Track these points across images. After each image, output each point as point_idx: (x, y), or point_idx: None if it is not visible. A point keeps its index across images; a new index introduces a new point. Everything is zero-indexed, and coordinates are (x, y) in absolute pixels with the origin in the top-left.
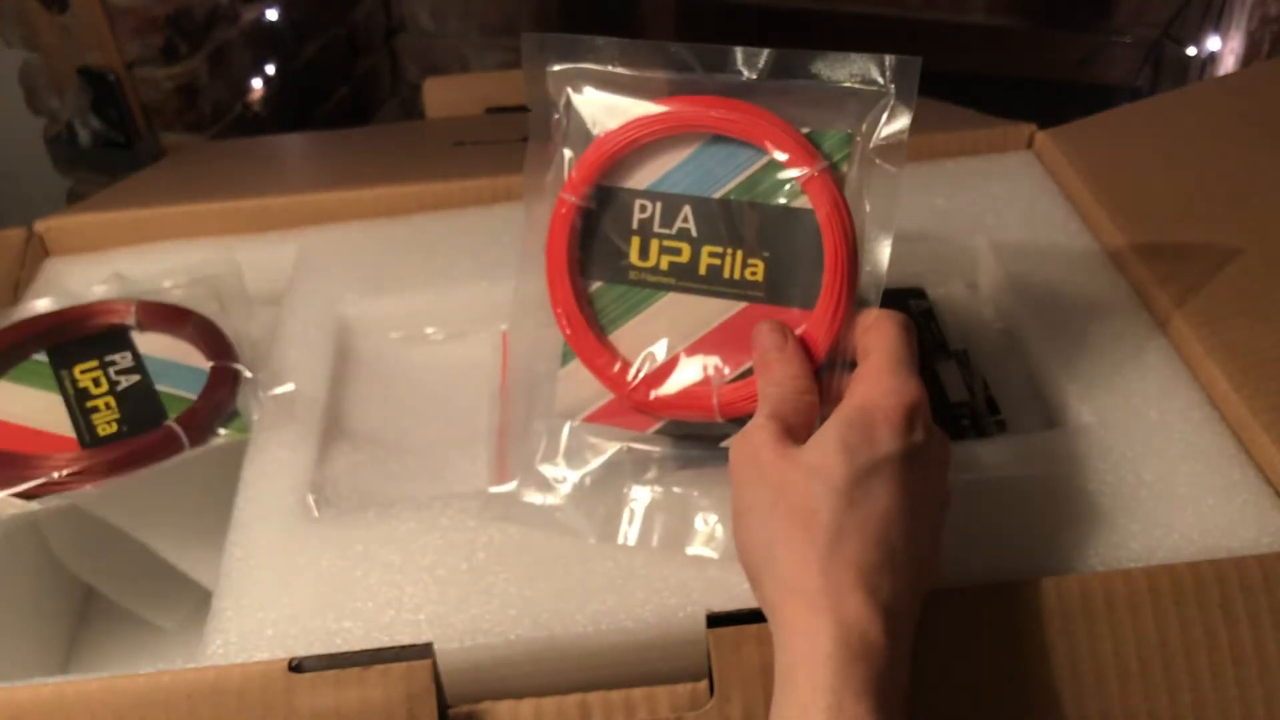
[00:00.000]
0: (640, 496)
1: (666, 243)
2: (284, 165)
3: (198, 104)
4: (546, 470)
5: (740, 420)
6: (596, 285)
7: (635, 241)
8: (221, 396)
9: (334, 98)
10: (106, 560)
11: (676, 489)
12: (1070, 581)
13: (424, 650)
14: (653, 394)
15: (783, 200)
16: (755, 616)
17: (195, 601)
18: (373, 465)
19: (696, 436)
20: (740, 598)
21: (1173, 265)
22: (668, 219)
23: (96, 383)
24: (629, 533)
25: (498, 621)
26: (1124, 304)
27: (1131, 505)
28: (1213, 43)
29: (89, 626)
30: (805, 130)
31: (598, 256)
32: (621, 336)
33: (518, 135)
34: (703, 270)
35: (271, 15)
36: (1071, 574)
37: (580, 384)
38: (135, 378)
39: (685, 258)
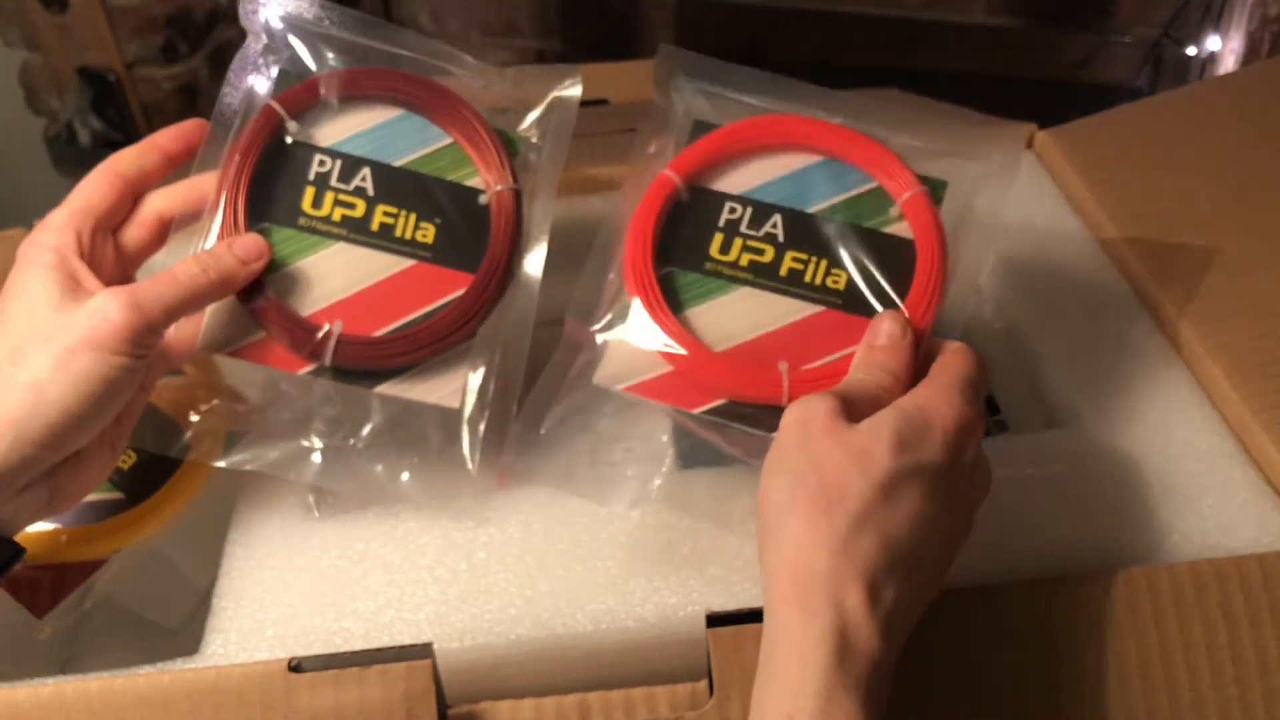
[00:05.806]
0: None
1: (751, 242)
2: None
3: (198, 104)
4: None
5: None
6: (669, 270)
7: (718, 238)
8: None
9: None
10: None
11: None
12: (1070, 582)
13: (424, 650)
14: (717, 372)
15: (880, 224)
16: (755, 617)
17: (195, 601)
18: None
19: (751, 422)
20: (740, 598)
21: (1172, 265)
22: (756, 223)
23: None
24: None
25: (498, 621)
26: (1124, 304)
27: (1131, 505)
28: (1213, 43)
29: (89, 626)
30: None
31: (677, 245)
32: (688, 319)
33: None
34: (784, 272)
35: None
36: (1071, 574)
37: (630, 354)
38: None
39: (768, 258)
